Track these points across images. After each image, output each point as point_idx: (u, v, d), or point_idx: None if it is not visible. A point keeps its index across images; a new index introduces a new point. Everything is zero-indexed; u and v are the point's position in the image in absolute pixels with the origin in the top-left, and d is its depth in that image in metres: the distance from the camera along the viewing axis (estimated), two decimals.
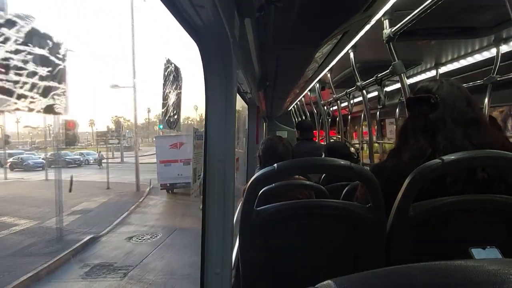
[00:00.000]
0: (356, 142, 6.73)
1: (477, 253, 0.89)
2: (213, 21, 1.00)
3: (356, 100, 4.75)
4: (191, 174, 1.17)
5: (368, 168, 1.23)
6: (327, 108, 5.12)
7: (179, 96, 1.08)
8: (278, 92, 4.10)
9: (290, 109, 7.72)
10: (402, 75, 2.13)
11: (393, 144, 1.25)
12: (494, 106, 2.98)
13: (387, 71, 2.28)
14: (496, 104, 3.02)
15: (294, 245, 1.13)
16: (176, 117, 1.08)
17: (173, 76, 1.02)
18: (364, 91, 3.03)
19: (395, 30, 1.90)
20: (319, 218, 1.13)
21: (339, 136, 4.97)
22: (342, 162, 1.08)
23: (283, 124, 8.42)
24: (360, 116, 6.06)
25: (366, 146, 5.85)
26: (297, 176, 1.90)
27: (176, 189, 14.90)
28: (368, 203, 1.07)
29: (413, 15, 1.69)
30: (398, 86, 3.22)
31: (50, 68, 0.67)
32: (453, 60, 3.01)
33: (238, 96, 3.25)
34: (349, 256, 1.12)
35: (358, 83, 2.95)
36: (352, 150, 4.28)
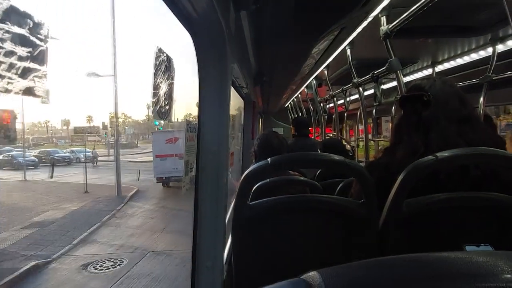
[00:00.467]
0: (353, 139, 6.76)
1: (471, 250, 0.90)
2: (207, 12, 0.99)
3: (353, 97, 4.76)
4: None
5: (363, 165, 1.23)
6: (324, 105, 5.12)
7: (171, 86, 1.06)
8: (275, 88, 4.09)
9: (286, 105, 7.72)
10: (398, 72, 2.13)
11: (388, 142, 1.25)
12: (489, 105, 3.00)
13: (384, 68, 2.28)
14: (492, 104, 3.04)
15: (287, 240, 1.13)
16: (167, 107, 1.07)
17: (165, 66, 1.01)
18: (361, 88, 3.03)
19: (392, 27, 1.89)
20: (312, 213, 1.13)
21: (335, 133, 4.98)
22: (336, 157, 1.08)
23: (279, 121, 8.42)
24: (357, 113, 6.08)
25: (362, 144, 5.87)
26: (292, 172, 1.89)
27: (171, 182, 15.19)
28: (362, 199, 1.07)
29: (410, 12, 1.69)
30: (395, 84, 3.23)
31: (30, 49, 0.65)
32: (449, 58, 3.02)
33: (235, 92, 3.24)
34: (341, 251, 1.12)
35: (355, 80, 2.95)
36: (348, 148, 4.30)
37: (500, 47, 2.37)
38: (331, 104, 4.82)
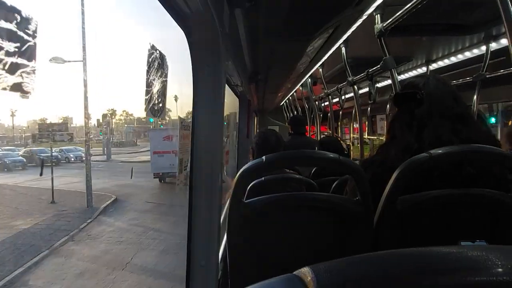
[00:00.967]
0: (348, 138, 6.78)
1: None
2: (201, 10, 0.98)
3: (348, 96, 4.78)
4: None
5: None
6: (319, 103, 5.13)
7: (164, 84, 1.06)
8: (270, 86, 4.09)
9: (282, 104, 7.72)
10: (393, 70, 2.13)
11: (383, 139, 1.26)
12: (482, 103, 3.02)
13: (378, 66, 2.29)
14: (485, 102, 3.07)
15: (282, 237, 1.13)
16: (161, 105, 1.07)
17: (158, 63, 1.00)
18: (356, 87, 3.04)
19: (386, 25, 1.90)
20: (307, 211, 1.13)
21: (330, 131, 5.00)
22: (331, 155, 1.08)
23: (274, 119, 8.42)
24: (352, 112, 6.10)
25: (357, 142, 5.89)
26: (287, 170, 1.90)
27: (168, 178, 15.43)
28: (357, 197, 1.07)
29: (404, 10, 1.69)
30: (390, 82, 3.25)
31: (18, 44, 0.63)
32: (443, 57, 3.03)
33: (230, 91, 3.23)
34: (336, 249, 1.12)
35: (350, 78, 2.96)
36: (343, 146, 4.31)
37: (494, 45, 2.38)
38: (326, 103, 4.83)
